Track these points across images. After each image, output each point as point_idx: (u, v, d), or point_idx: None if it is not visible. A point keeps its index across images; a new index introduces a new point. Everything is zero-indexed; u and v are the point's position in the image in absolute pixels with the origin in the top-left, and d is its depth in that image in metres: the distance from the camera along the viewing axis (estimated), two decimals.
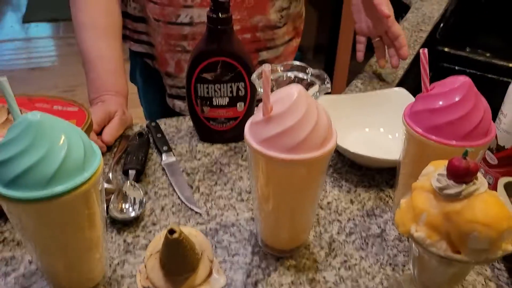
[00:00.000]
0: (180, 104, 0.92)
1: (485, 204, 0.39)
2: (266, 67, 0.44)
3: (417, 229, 0.41)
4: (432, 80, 0.53)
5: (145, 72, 0.97)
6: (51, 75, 2.87)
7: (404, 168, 0.56)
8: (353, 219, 0.61)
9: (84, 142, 0.43)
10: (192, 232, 0.54)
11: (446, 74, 0.98)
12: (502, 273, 0.54)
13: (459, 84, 0.49)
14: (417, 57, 1.00)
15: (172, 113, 0.94)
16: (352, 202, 0.63)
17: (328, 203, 0.63)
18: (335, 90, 1.20)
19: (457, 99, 0.48)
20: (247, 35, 0.86)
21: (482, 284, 0.53)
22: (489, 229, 0.38)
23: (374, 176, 0.68)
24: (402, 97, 0.73)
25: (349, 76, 1.81)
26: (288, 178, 0.48)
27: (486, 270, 0.54)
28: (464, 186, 0.39)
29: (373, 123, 0.73)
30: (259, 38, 0.87)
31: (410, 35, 1.11)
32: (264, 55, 0.90)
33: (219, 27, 0.63)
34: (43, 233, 0.44)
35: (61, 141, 0.41)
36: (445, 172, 0.40)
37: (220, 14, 0.63)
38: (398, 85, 0.89)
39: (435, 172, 0.42)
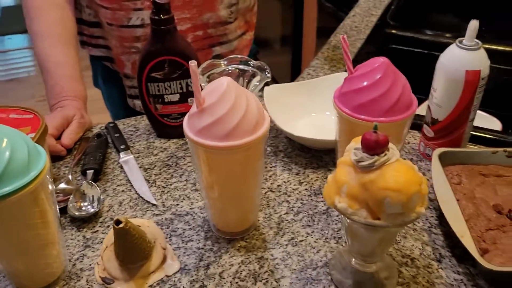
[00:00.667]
0: (140, 103, 0.95)
1: (395, 171, 0.42)
2: (192, 63, 0.47)
3: (340, 200, 0.45)
4: None
5: (106, 75, 1.00)
6: (28, 85, 2.87)
7: (341, 146, 0.59)
8: (301, 199, 0.64)
9: (28, 145, 0.46)
10: (144, 223, 0.57)
11: (395, 56, 1.02)
12: (438, 237, 0.58)
13: (378, 65, 0.52)
14: (366, 41, 1.04)
15: (136, 113, 0.97)
16: (300, 183, 0.67)
17: (278, 185, 0.67)
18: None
19: (376, 78, 0.52)
20: (199, 32, 0.89)
21: (419, 249, 0.57)
22: (399, 194, 0.41)
23: (322, 157, 0.72)
24: None
25: None
26: (227, 164, 0.51)
27: (423, 236, 0.58)
28: (376, 157, 0.43)
29: (319, 107, 0.77)
30: (211, 34, 0.91)
31: (361, 20, 1.15)
32: (218, 50, 0.93)
33: (162, 27, 0.67)
34: None
35: (4, 145, 0.43)
36: (360, 146, 0.44)
37: (161, 16, 0.65)
38: None
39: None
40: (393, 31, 1.05)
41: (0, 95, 2.69)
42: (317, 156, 0.72)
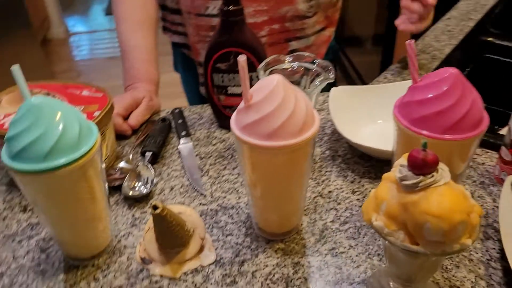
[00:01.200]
0: None
1: (440, 196, 0.38)
2: (241, 58, 0.46)
3: (377, 218, 0.42)
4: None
5: (184, 62, 1.03)
6: None
7: (396, 159, 0.55)
8: (351, 208, 0.61)
9: (80, 122, 0.48)
10: (186, 211, 0.58)
11: (489, 66, 0.93)
12: (496, 272, 0.52)
13: (446, 75, 0.48)
14: (457, 47, 0.96)
15: (206, 101, 0.98)
16: (353, 192, 0.64)
17: (329, 191, 0.64)
18: None
19: (443, 89, 0.47)
20: (276, 26, 0.88)
21: (472, 282, 0.51)
22: (441, 220, 0.38)
23: (383, 168, 0.68)
24: None
25: None
26: (270, 164, 0.50)
27: (479, 269, 0.53)
28: (421, 177, 0.39)
29: (386, 115, 0.72)
30: (288, 28, 0.89)
31: (457, 24, 1.06)
32: (294, 44, 0.92)
33: (230, 19, 0.66)
34: (49, 205, 0.50)
35: (58, 122, 0.46)
36: (406, 163, 0.40)
37: (230, 7, 0.65)
38: None
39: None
40: (491, 39, 0.96)
41: (100, 71, 2.89)
42: (377, 166, 0.68)
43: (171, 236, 0.53)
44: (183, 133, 0.75)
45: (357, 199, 0.63)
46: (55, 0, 3.18)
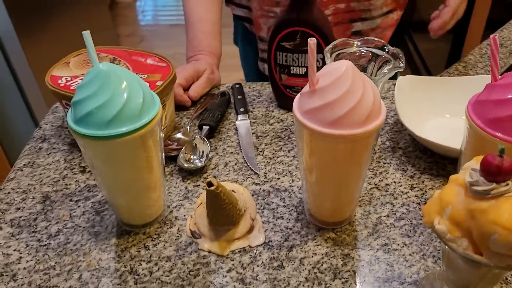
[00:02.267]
0: None
1: None
2: (311, 41, 0.44)
3: (440, 222, 0.39)
4: None
5: (244, 35, 1.02)
6: None
7: (464, 160, 0.52)
8: (408, 205, 0.59)
9: (144, 92, 0.48)
10: (240, 189, 0.58)
11: None
12: None
13: None
14: None
15: (265, 77, 0.97)
16: (412, 188, 0.61)
17: (387, 184, 0.62)
18: None
19: None
20: (341, 5, 0.84)
21: None
22: (510, 233, 0.35)
23: (446, 166, 0.64)
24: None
25: None
26: (328, 152, 0.49)
27: None
28: (494, 185, 0.36)
29: (455, 109, 0.68)
30: (354, 8, 0.85)
31: None
32: (359, 26, 0.88)
33: None
34: (107, 170, 0.51)
35: (123, 90, 0.46)
36: (478, 167, 0.38)
37: None
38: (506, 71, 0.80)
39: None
40: None
41: (164, 38, 2.94)
42: (440, 163, 0.65)
43: (222, 214, 0.53)
44: (242, 109, 0.74)
45: (415, 196, 0.60)
46: None
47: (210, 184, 0.50)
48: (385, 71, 0.59)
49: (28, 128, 1.80)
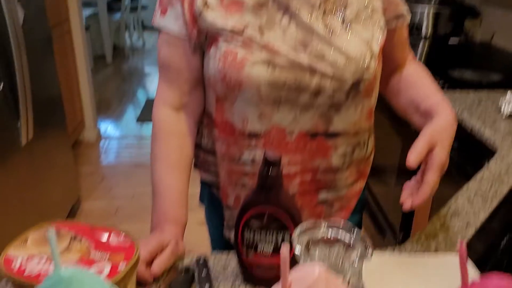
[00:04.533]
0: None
1: None
2: (284, 248, 0.44)
3: None
4: None
5: (211, 200, 1.02)
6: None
7: None
8: None
9: None
10: None
11: None
12: None
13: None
14: (491, 216, 0.93)
15: (230, 245, 0.96)
16: None
17: None
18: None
19: None
20: (307, 177, 0.88)
21: None
22: None
23: None
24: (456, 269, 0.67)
25: (435, 204, 1.72)
26: None
27: None
28: None
29: None
30: (319, 180, 0.89)
31: (490, 186, 1.05)
32: (324, 195, 0.91)
33: (269, 181, 0.66)
34: None
35: None
36: None
37: (270, 172, 0.66)
38: (468, 246, 0.83)
39: None
40: None
41: (126, 177, 2.93)
42: None
43: None
44: (206, 287, 0.71)
45: None
46: (93, 104, 3.34)
47: None
48: (355, 259, 0.59)
49: None
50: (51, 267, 0.61)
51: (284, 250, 0.44)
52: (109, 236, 0.69)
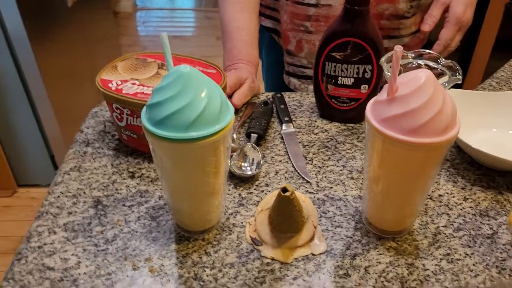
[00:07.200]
0: (295, 82, 0.96)
1: None
2: (399, 48, 0.45)
3: None
4: None
5: (270, 47, 1.02)
6: (189, 44, 3.09)
7: None
8: (464, 215, 0.59)
9: (221, 97, 0.48)
10: (301, 197, 0.58)
11: None
12: None
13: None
14: None
15: (289, 90, 0.98)
16: (465, 199, 0.62)
17: (440, 195, 0.62)
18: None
19: None
20: None
21: None
22: None
23: (495, 178, 0.65)
24: None
25: (485, 78, 1.69)
26: (402, 161, 0.49)
27: None
28: None
29: (502, 124, 0.70)
30: (383, 26, 0.87)
31: None
32: (386, 43, 0.89)
33: (355, 8, 0.65)
34: (177, 173, 0.51)
35: (204, 93, 0.46)
36: None
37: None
38: None
39: None
40: None
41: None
42: (488, 175, 0.66)
43: (289, 221, 0.53)
44: (286, 118, 0.75)
45: (470, 207, 0.61)
46: None
47: (284, 190, 0.49)
48: (444, 84, 0.60)
49: (32, 134, 1.78)
50: (146, 89, 0.64)
51: (398, 49, 0.45)
52: (194, 65, 0.71)
